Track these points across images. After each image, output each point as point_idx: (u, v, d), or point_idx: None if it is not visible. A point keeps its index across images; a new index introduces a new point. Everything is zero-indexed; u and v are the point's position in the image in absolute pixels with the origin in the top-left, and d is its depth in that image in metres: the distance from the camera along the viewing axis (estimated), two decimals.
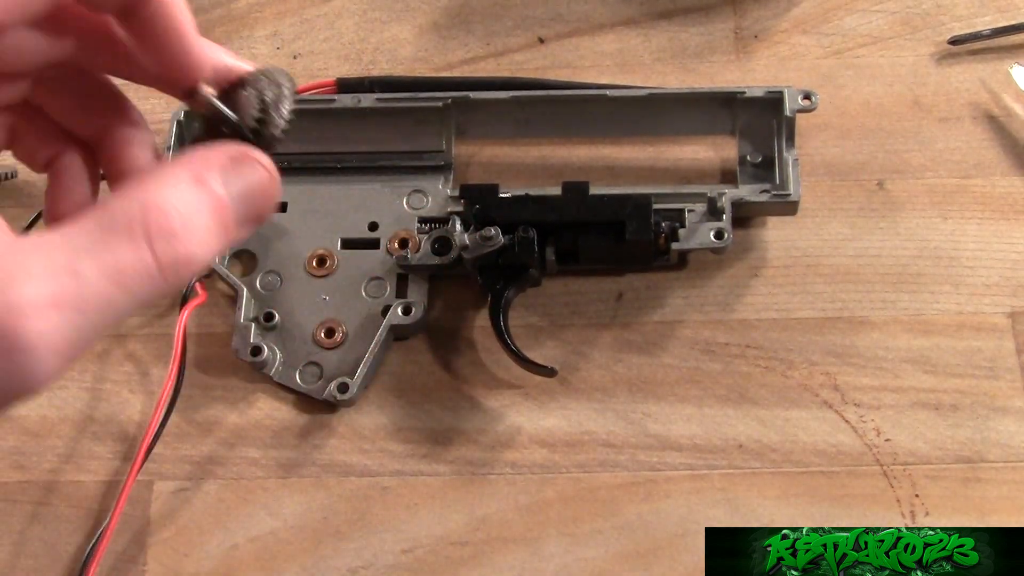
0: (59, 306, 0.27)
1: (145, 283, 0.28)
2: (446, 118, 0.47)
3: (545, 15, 0.52)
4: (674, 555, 0.41)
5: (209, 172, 0.30)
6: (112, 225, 0.28)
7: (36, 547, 0.43)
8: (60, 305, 0.27)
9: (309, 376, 0.45)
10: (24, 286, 0.26)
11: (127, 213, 0.28)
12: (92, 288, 0.27)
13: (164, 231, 0.28)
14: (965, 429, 0.43)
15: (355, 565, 0.42)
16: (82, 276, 0.27)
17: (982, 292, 0.45)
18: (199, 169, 0.30)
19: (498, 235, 0.43)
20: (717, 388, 0.44)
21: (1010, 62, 0.49)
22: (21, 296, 0.26)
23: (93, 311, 0.27)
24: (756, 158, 0.47)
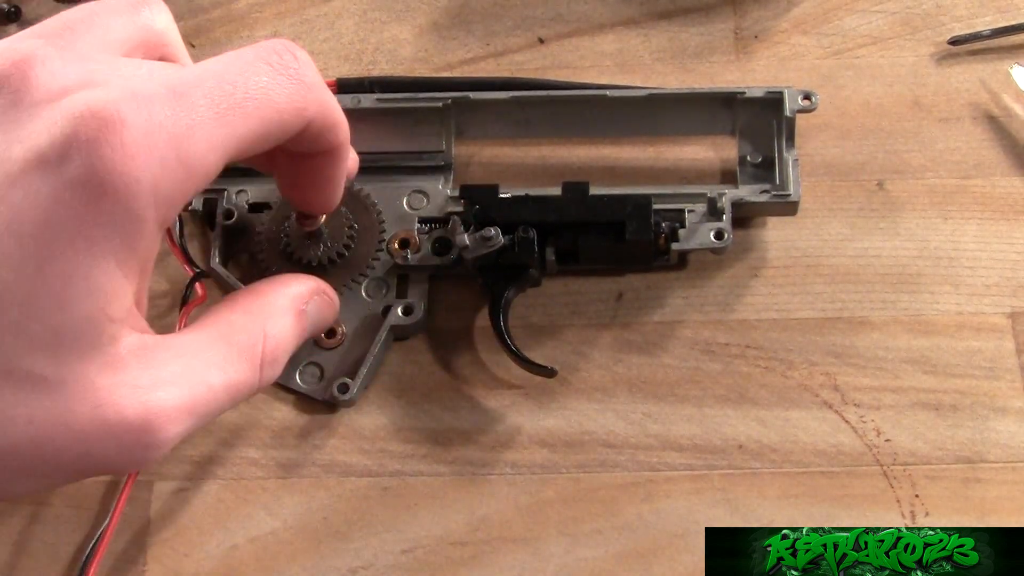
0: (191, 413, 0.31)
1: (245, 396, 0.34)
2: (446, 118, 0.47)
3: (545, 15, 0.52)
4: (674, 555, 0.41)
5: (305, 307, 0.38)
6: (238, 347, 0.34)
7: (36, 547, 0.43)
8: (191, 412, 0.31)
9: (309, 376, 0.45)
10: (166, 391, 0.31)
11: (251, 338, 0.34)
12: (215, 400, 0.32)
13: (271, 360, 0.35)
14: (965, 429, 0.43)
15: (355, 565, 0.42)
16: (211, 389, 0.32)
17: (982, 292, 0.45)
18: (298, 304, 0.37)
19: (498, 235, 0.43)
20: (717, 388, 0.44)
21: (1010, 62, 0.49)
22: (164, 401, 0.30)
23: (208, 416, 0.32)
24: (756, 158, 0.47)
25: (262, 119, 0.32)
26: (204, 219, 0.47)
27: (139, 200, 0.29)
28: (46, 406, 0.29)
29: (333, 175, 0.38)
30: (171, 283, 0.47)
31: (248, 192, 0.47)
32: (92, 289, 0.29)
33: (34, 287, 0.28)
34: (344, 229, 0.45)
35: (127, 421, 0.30)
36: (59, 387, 0.29)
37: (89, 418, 0.29)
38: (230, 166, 0.32)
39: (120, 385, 0.30)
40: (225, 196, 0.47)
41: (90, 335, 0.29)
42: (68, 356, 0.29)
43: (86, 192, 0.28)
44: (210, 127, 0.30)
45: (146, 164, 0.29)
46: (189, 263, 0.46)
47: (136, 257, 0.30)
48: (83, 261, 0.28)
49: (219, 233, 0.46)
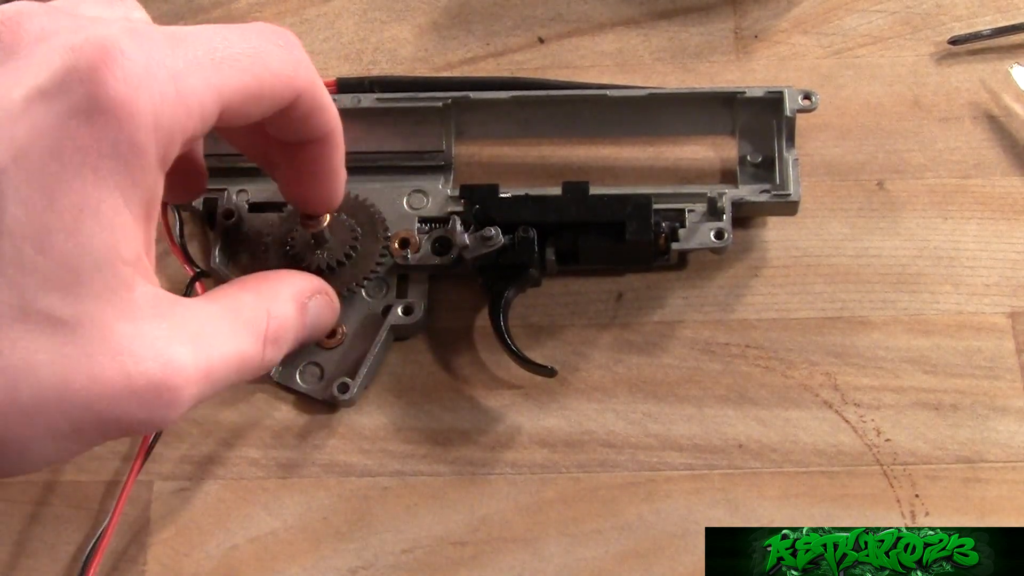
0: (206, 377, 0.31)
1: (250, 373, 0.35)
2: (446, 118, 0.47)
3: (545, 15, 0.52)
4: (674, 555, 0.41)
5: (307, 301, 0.39)
6: (244, 321, 0.34)
7: (36, 547, 0.43)
8: (206, 376, 0.32)
9: (309, 376, 0.45)
10: (184, 348, 0.31)
11: (256, 315, 0.35)
12: (225, 368, 0.33)
13: (274, 339, 0.36)
14: (965, 429, 0.43)
15: (355, 565, 0.42)
16: (223, 356, 0.32)
17: (982, 292, 0.45)
18: (301, 297, 0.38)
19: (498, 235, 0.43)
20: (717, 388, 0.44)
21: (1010, 62, 0.49)
22: (182, 358, 0.31)
23: (218, 385, 0.33)
24: (756, 158, 0.47)
25: (255, 75, 0.32)
26: (204, 219, 0.47)
27: (141, 129, 0.29)
28: (67, 352, 0.28)
29: (331, 166, 0.38)
30: (171, 283, 0.47)
31: (248, 192, 0.47)
32: (103, 224, 0.29)
33: (46, 221, 0.28)
34: (347, 234, 0.45)
35: (148, 374, 0.29)
36: (78, 330, 0.28)
37: (111, 367, 0.29)
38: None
39: (139, 336, 0.30)
40: (225, 196, 0.47)
41: (105, 274, 0.29)
42: (84, 296, 0.28)
43: (89, 119, 0.28)
44: (207, 70, 0.31)
45: (147, 94, 0.29)
46: (189, 263, 0.46)
47: (140, 194, 0.29)
48: (92, 193, 0.28)
49: (219, 233, 0.46)
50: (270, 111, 0.34)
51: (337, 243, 0.45)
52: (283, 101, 0.34)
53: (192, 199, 0.46)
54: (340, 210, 0.44)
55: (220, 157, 0.47)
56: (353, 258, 0.45)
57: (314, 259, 0.44)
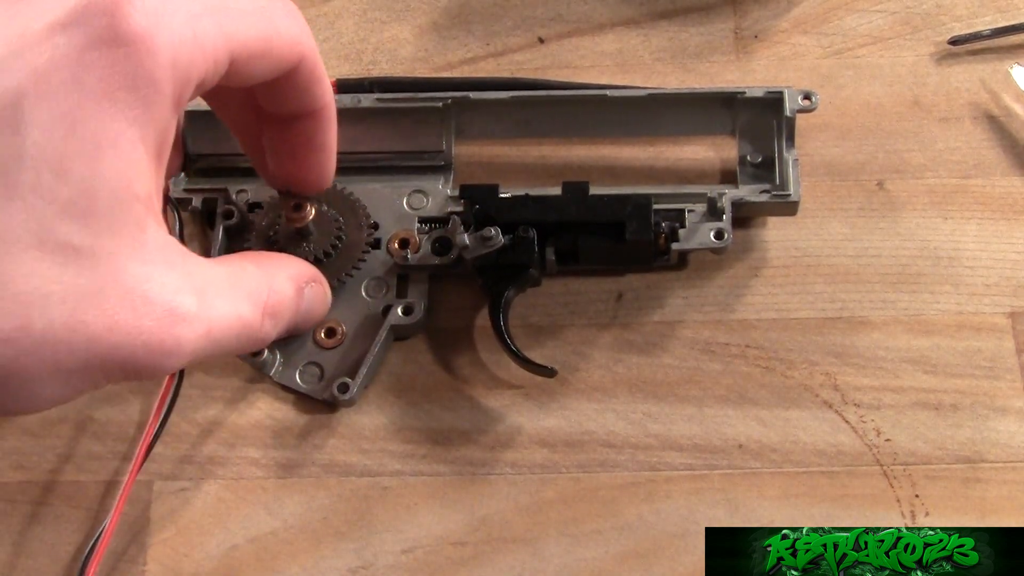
0: (207, 334, 0.31)
1: (247, 341, 0.35)
2: (446, 118, 0.47)
3: (545, 15, 0.52)
4: (674, 555, 0.41)
5: (303, 285, 0.39)
6: (246, 290, 0.35)
7: (36, 547, 0.43)
8: (208, 334, 0.31)
9: (309, 376, 0.45)
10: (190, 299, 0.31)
11: (258, 286, 0.36)
12: (227, 329, 0.33)
13: (273, 312, 0.36)
14: (965, 429, 0.43)
15: (355, 565, 0.42)
16: (224, 318, 0.33)
17: (982, 292, 0.45)
18: (299, 281, 0.39)
19: (498, 235, 0.43)
20: (717, 388, 0.44)
21: (1010, 62, 0.49)
22: (189, 308, 0.31)
23: (218, 347, 0.32)
24: (756, 158, 0.47)
25: (264, 31, 0.33)
26: (204, 219, 0.47)
27: (159, 65, 0.29)
28: (80, 285, 0.28)
29: (324, 141, 0.38)
30: None
31: (248, 192, 0.47)
32: (120, 156, 0.29)
33: (66, 148, 0.28)
34: (331, 226, 0.45)
35: (155, 316, 0.29)
36: (92, 263, 0.28)
37: (121, 306, 0.29)
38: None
39: (149, 279, 0.30)
40: (225, 196, 0.47)
41: (121, 208, 0.29)
42: (100, 227, 0.28)
43: (109, 51, 0.28)
44: (221, 17, 0.31)
45: (167, 31, 0.29)
46: None
47: (154, 132, 0.30)
48: (110, 125, 0.28)
49: (219, 233, 0.46)
50: (274, 72, 0.34)
51: (322, 236, 0.44)
52: (287, 63, 0.34)
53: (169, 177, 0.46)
54: (322, 201, 0.44)
55: (220, 157, 0.47)
56: (339, 249, 0.45)
57: (299, 252, 0.44)
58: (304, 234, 0.44)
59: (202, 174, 0.48)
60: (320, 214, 0.44)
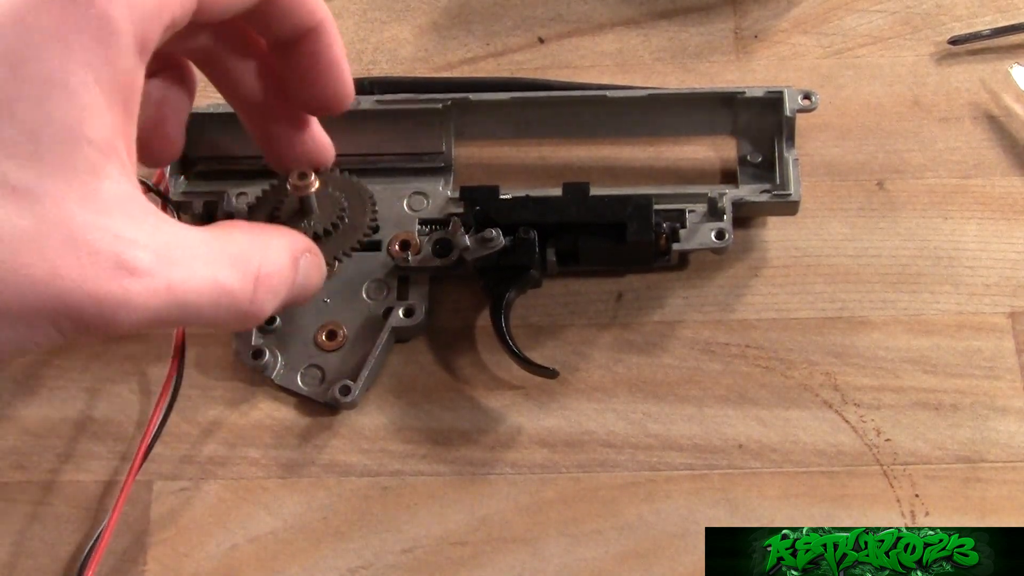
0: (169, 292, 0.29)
1: (232, 312, 0.32)
2: (446, 119, 0.47)
3: (545, 15, 0.52)
4: (674, 555, 0.41)
5: (299, 256, 0.37)
6: (232, 256, 0.32)
7: (35, 547, 0.43)
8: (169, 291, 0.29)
9: (311, 379, 0.45)
10: (147, 254, 0.29)
11: (247, 253, 0.33)
12: (195, 292, 0.30)
13: (267, 286, 0.34)
14: (965, 429, 0.43)
15: (355, 565, 0.42)
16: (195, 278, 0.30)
17: (982, 292, 0.45)
18: (294, 251, 0.36)
19: (498, 237, 0.43)
20: (717, 388, 0.44)
21: (1010, 62, 0.49)
22: (142, 262, 0.29)
23: (186, 311, 0.30)
24: (756, 158, 0.47)
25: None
26: (204, 221, 0.47)
27: (113, 3, 0.28)
28: (20, 224, 0.27)
29: (331, 57, 0.37)
30: None
31: (248, 194, 0.47)
32: (69, 98, 0.28)
33: (10, 90, 0.27)
34: (335, 206, 0.43)
35: (101, 265, 0.28)
36: (35, 205, 0.27)
37: (63, 252, 0.27)
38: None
39: (98, 227, 0.28)
40: (225, 198, 0.47)
41: (68, 150, 0.28)
42: (45, 169, 0.27)
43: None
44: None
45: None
46: None
47: (113, 76, 0.29)
48: (59, 66, 0.28)
49: None
50: (250, 2, 0.33)
51: (324, 215, 0.43)
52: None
53: (165, 163, 0.45)
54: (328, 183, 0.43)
55: (219, 160, 0.47)
56: (340, 228, 0.43)
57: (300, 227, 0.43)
58: (306, 210, 0.43)
59: (202, 177, 0.48)
60: (324, 191, 0.43)
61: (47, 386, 0.46)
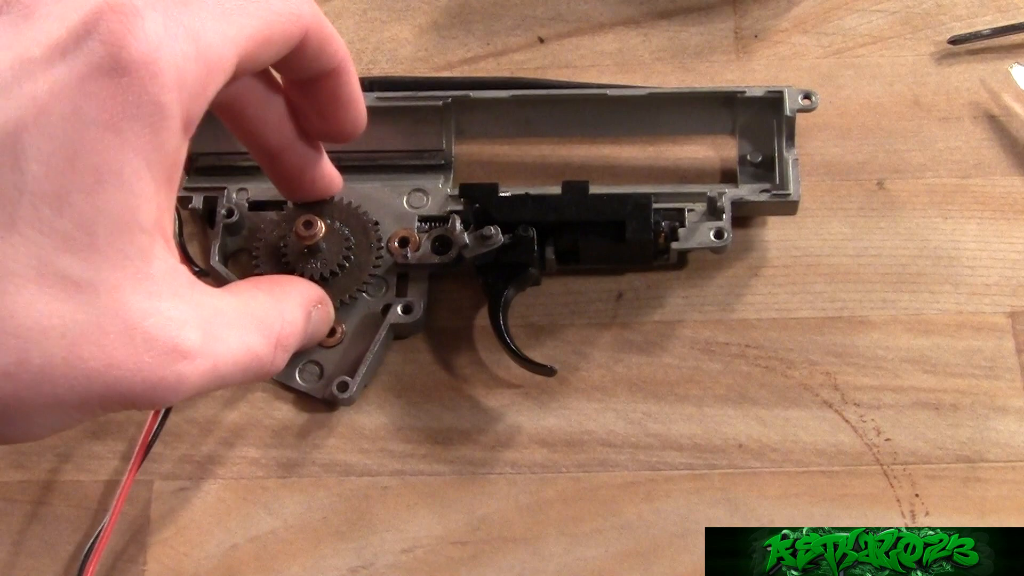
0: (213, 369, 0.31)
1: (256, 374, 0.34)
2: (446, 117, 0.47)
3: (545, 15, 0.52)
4: (674, 555, 0.41)
5: (312, 309, 0.39)
6: (259, 321, 0.35)
7: (35, 546, 0.43)
8: (213, 369, 0.31)
9: (309, 375, 0.45)
10: (196, 334, 0.31)
11: (271, 317, 0.36)
12: (234, 364, 0.32)
13: (285, 344, 0.36)
14: (965, 429, 0.43)
15: (355, 565, 0.42)
16: (232, 352, 0.32)
17: (982, 292, 0.45)
18: (308, 304, 0.39)
19: (498, 234, 0.43)
20: (717, 388, 0.44)
21: (1010, 62, 0.49)
22: (193, 344, 0.30)
23: (224, 381, 0.32)
24: (756, 158, 0.47)
25: (263, 19, 0.32)
26: (204, 218, 0.47)
27: (165, 89, 0.28)
28: (79, 319, 0.28)
29: (348, 94, 0.38)
30: None
31: (248, 191, 0.47)
32: (123, 187, 0.28)
33: (65, 182, 0.27)
34: (341, 244, 0.45)
35: (156, 352, 0.29)
36: (92, 297, 0.28)
37: (120, 342, 0.28)
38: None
39: (152, 313, 0.29)
40: (225, 195, 0.47)
41: (123, 239, 0.28)
42: (101, 260, 0.28)
43: (111, 79, 0.28)
44: (221, 23, 0.31)
45: (169, 53, 0.29)
46: (188, 262, 0.46)
47: (162, 159, 0.29)
48: (114, 156, 0.28)
49: (219, 231, 0.46)
50: (282, 53, 0.34)
51: (331, 253, 0.45)
52: (293, 40, 0.34)
53: None
54: (333, 217, 0.44)
55: (220, 156, 0.47)
56: (347, 268, 0.45)
57: (308, 268, 0.44)
58: (314, 251, 0.44)
59: (202, 173, 0.48)
60: (330, 230, 0.44)
61: None
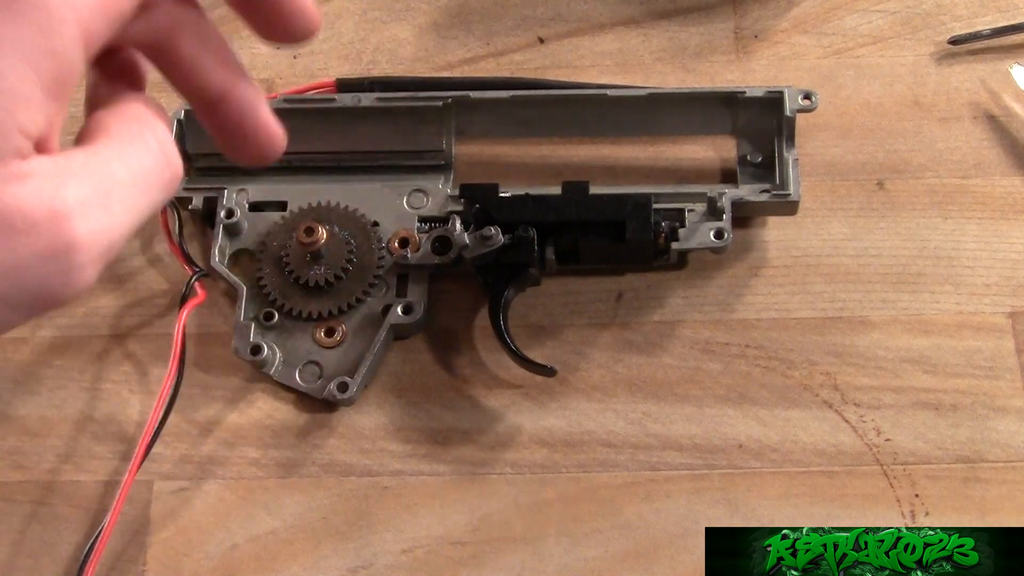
0: (101, 206, 0.29)
1: (162, 186, 0.31)
2: (446, 117, 0.47)
3: (545, 15, 0.52)
4: (674, 555, 0.41)
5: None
6: (131, 138, 0.31)
7: (35, 546, 0.43)
8: (101, 205, 0.29)
9: (309, 375, 0.45)
10: (70, 189, 0.29)
11: (142, 131, 0.32)
12: (123, 187, 0.30)
13: (170, 149, 0.32)
14: (965, 429, 0.43)
15: (355, 565, 0.42)
16: (116, 180, 0.30)
17: (982, 292, 0.45)
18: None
19: (498, 235, 0.43)
20: (717, 388, 0.44)
21: (1010, 62, 0.49)
22: (69, 197, 0.28)
23: (124, 211, 0.30)
24: (756, 158, 0.47)
25: None
26: (204, 218, 0.47)
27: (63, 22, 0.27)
28: None
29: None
30: (171, 283, 0.47)
31: (248, 191, 0.47)
32: (1, 88, 0.27)
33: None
34: (343, 248, 0.45)
35: (32, 218, 0.28)
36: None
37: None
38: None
39: (24, 193, 0.28)
40: (224, 195, 0.47)
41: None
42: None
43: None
44: None
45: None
46: (188, 262, 0.46)
47: (54, 66, 0.28)
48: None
49: (219, 232, 0.46)
50: None
51: (334, 258, 0.45)
52: None
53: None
54: (332, 222, 0.45)
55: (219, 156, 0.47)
56: (351, 272, 0.45)
57: (311, 275, 0.44)
58: (316, 257, 0.44)
59: (202, 173, 0.48)
60: (332, 236, 0.44)
61: (47, 386, 0.46)
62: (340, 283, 0.45)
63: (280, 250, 0.45)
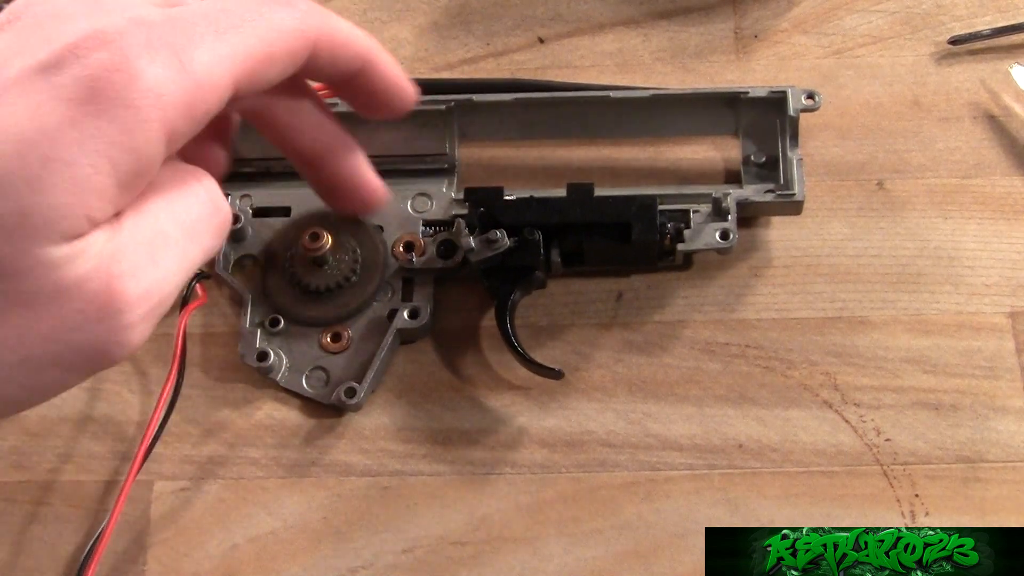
0: (149, 263, 0.30)
1: (207, 232, 0.33)
2: (449, 121, 0.47)
3: (545, 15, 0.52)
4: (674, 555, 0.41)
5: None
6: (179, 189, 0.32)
7: (35, 547, 0.43)
8: (150, 263, 0.30)
9: (316, 381, 0.44)
10: (122, 261, 0.29)
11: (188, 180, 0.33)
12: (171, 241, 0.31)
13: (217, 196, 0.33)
14: (965, 429, 0.43)
15: (355, 565, 0.42)
16: (163, 232, 0.31)
17: (982, 292, 0.45)
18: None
19: (503, 238, 0.43)
20: (717, 388, 0.44)
21: (1010, 62, 0.49)
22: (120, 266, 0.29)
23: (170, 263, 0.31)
24: (760, 158, 0.47)
25: (261, 38, 0.31)
26: None
27: (139, 94, 0.28)
28: (5, 289, 0.27)
29: (386, 82, 0.37)
30: None
31: (252, 197, 0.47)
32: (74, 177, 0.28)
33: (9, 170, 0.27)
34: (349, 256, 0.45)
35: (86, 289, 0.28)
36: (20, 272, 0.28)
37: (51, 295, 0.28)
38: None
39: (81, 269, 0.29)
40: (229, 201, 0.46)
41: (62, 224, 0.28)
42: (30, 241, 0.27)
43: (81, 87, 0.28)
44: (210, 42, 0.30)
45: (147, 64, 0.28)
46: None
47: (134, 161, 0.29)
48: (68, 149, 0.27)
49: None
50: (290, 68, 0.33)
51: (338, 264, 0.45)
52: (299, 55, 0.33)
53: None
54: (338, 228, 0.44)
55: None
56: (355, 279, 0.45)
57: (317, 279, 0.44)
58: (321, 262, 0.44)
59: None
60: (337, 241, 0.44)
61: None
62: (345, 288, 0.45)
63: (285, 256, 0.45)
